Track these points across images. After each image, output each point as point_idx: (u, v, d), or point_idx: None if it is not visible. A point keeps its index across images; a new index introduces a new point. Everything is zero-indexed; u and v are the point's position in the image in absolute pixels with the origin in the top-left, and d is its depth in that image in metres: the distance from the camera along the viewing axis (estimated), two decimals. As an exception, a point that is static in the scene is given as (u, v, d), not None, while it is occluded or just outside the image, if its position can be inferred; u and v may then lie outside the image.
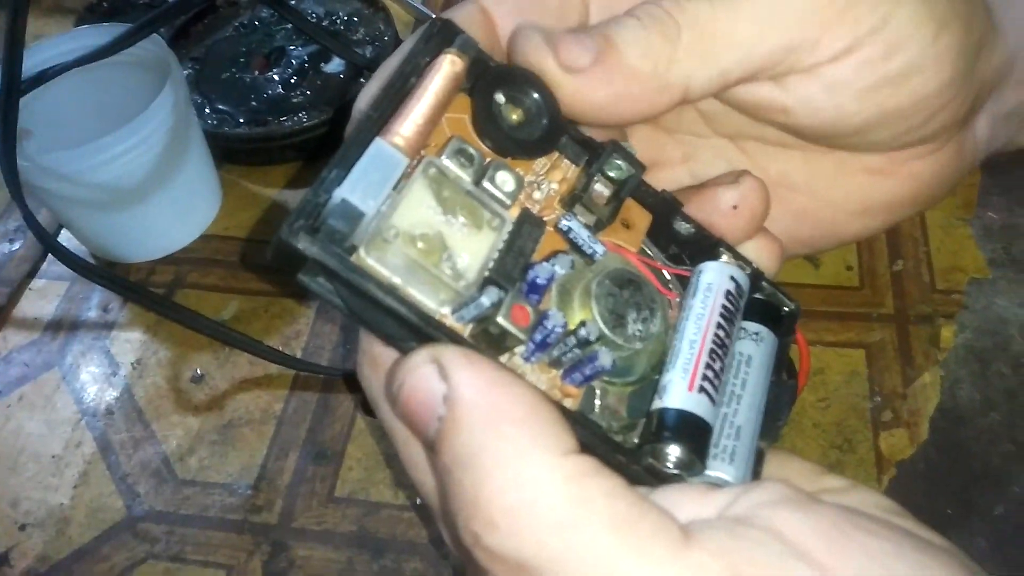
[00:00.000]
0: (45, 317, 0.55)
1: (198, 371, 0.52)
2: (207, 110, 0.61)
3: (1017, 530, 0.39)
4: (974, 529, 0.39)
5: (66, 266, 0.48)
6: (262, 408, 0.50)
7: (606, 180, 0.23)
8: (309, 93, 0.61)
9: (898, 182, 0.28)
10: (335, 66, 0.63)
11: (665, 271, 0.25)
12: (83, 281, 0.56)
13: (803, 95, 0.25)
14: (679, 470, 0.21)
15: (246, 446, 0.49)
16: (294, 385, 0.51)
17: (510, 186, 0.22)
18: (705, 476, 0.22)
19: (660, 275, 0.25)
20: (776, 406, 0.24)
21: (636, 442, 0.22)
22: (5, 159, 0.46)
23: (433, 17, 0.22)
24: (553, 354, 0.21)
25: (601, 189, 0.23)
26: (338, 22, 0.65)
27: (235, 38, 0.65)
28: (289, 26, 0.65)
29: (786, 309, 0.25)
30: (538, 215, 0.23)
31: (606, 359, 0.21)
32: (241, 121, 0.60)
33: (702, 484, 0.21)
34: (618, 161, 0.23)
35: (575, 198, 0.23)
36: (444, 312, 0.21)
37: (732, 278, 0.24)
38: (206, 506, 0.47)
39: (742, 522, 0.18)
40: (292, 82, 0.62)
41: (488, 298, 0.20)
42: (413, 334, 0.20)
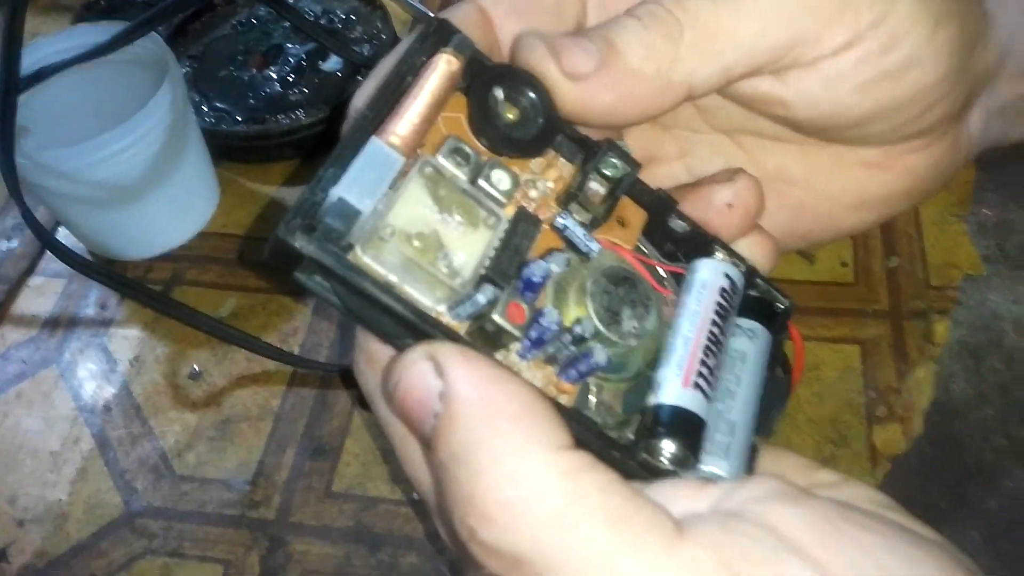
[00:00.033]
0: (43, 314, 0.55)
1: (196, 368, 0.52)
2: (205, 108, 0.61)
3: (1010, 524, 0.39)
4: (967, 523, 0.40)
5: (64, 263, 0.48)
6: (260, 404, 0.50)
7: (601, 178, 0.23)
8: (307, 91, 0.61)
9: (894, 176, 0.28)
10: (333, 64, 0.63)
11: (660, 268, 0.25)
12: (81, 278, 0.56)
13: (802, 89, 0.25)
14: (673, 465, 0.21)
15: (244, 442, 0.49)
16: (292, 381, 0.51)
17: (506, 184, 0.22)
18: (699, 471, 0.22)
19: (655, 272, 0.25)
20: (770, 402, 0.24)
21: (631, 438, 0.22)
22: (3, 157, 0.46)
23: (430, 16, 0.22)
24: (549, 351, 0.22)
25: (596, 187, 0.23)
26: (336, 20, 0.65)
27: (233, 36, 0.65)
28: (287, 24, 0.65)
29: (780, 306, 0.26)
30: (534, 213, 0.23)
31: (601, 356, 0.21)
32: (239, 119, 0.60)
33: (696, 479, 0.21)
34: (613, 159, 0.23)
35: (571, 196, 0.23)
36: (440, 310, 0.21)
37: (727, 275, 0.24)
38: (204, 502, 0.47)
39: (735, 516, 0.19)
40: (290, 80, 0.62)
41: (484, 296, 0.20)
42: (409, 331, 0.20)
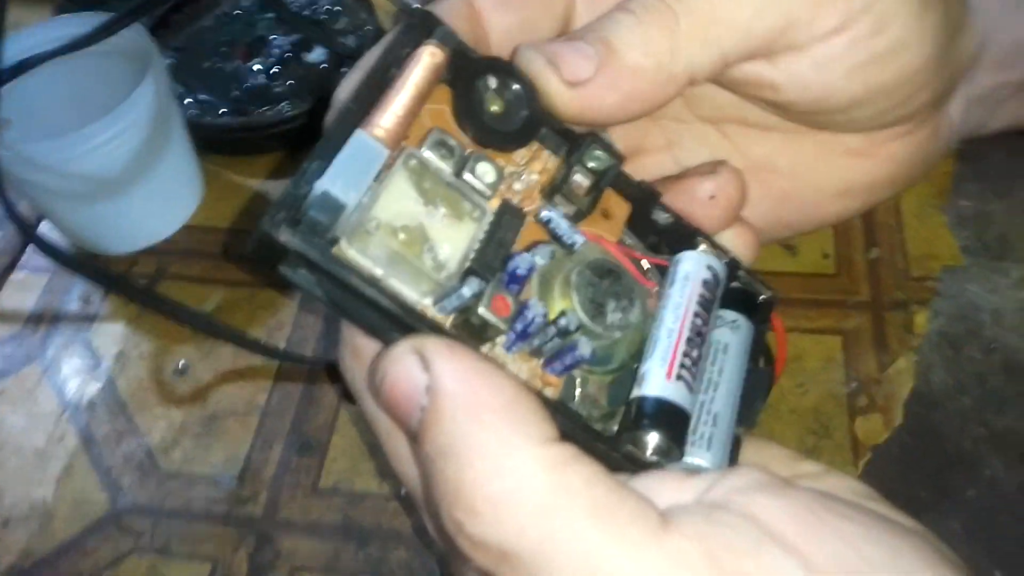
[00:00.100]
0: (26, 310, 0.55)
1: (181, 363, 0.52)
2: (188, 100, 0.60)
3: (989, 513, 0.40)
4: (947, 512, 0.40)
5: (47, 257, 0.47)
6: (246, 400, 0.50)
7: (586, 170, 0.24)
8: (291, 83, 0.61)
9: (877, 163, 0.28)
10: (317, 56, 0.62)
11: (644, 261, 0.25)
12: (64, 273, 0.55)
13: (793, 72, 0.25)
14: (657, 457, 0.21)
15: (230, 438, 0.49)
16: (278, 376, 0.51)
17: (490, 177, 0.22)
18: (683, 463, 0.22)
19: (639, 265, 0.25)
20: (753, 393, 0.24)
21: (615, 430, 0.22)
22: (-17, 151, 0.46)
23: (415, 7, 0.22)
24: (534, 343, 0.22)
25: (581, 179, 0.24)
26: (320, 12, 0.65)
27: (217, 27, 0.65)
28: (271, 15, 0.64)
29: (762, 297, 0.26)
30: (518, 206, 0.23)
31: (586, 348, 0.21)
32: (223, 111, 0.60)
33: (680, 471, 0.21)
34: (597, 151, 0.23)
35: (555, 188, 0.23)
36: (426, 303, 0.21)
37: (709, 267, 0.24)
38: (191, 499, 0.47)
39: (719, 507, 0.19)
40: (274, 72, 0.61)
41: (469, 289, 0.20)
42: (395, 325, 0.20)
